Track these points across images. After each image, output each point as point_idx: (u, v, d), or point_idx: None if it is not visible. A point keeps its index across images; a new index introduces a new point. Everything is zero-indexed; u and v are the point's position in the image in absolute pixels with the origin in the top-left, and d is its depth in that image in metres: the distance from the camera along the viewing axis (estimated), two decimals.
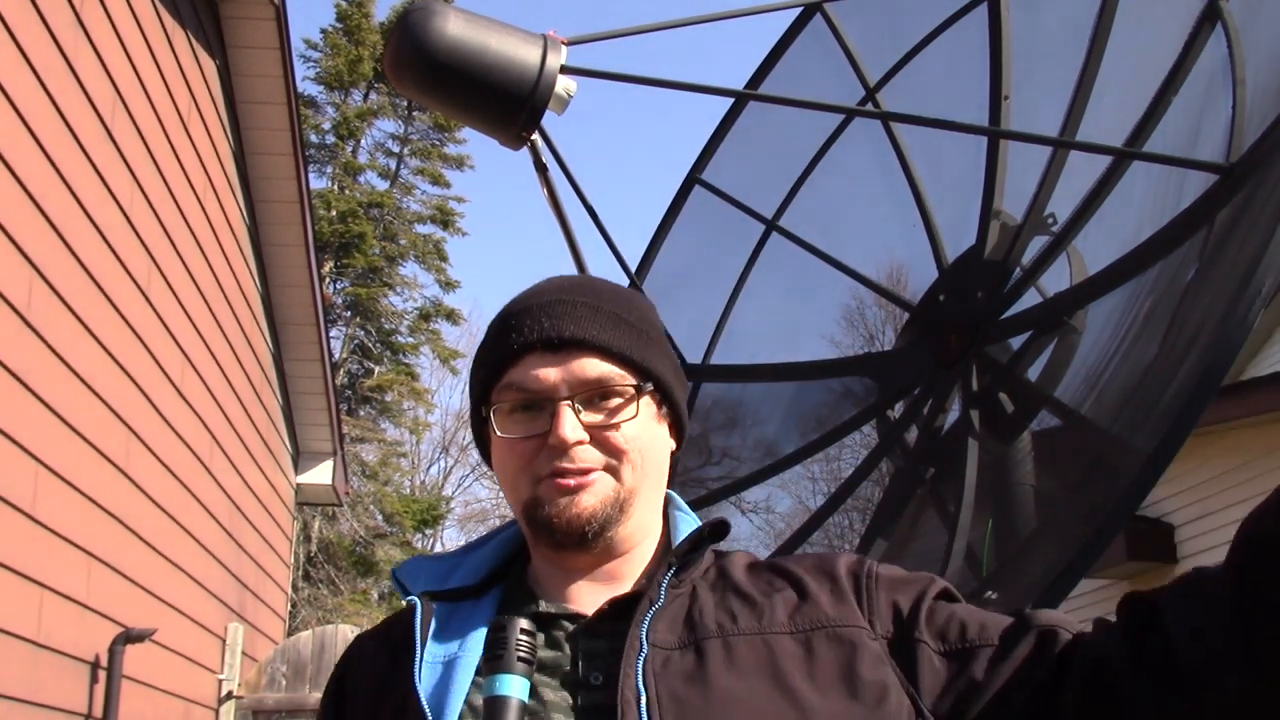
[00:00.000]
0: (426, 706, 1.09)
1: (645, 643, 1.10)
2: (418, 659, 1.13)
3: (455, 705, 1.09)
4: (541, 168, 2.31)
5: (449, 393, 36.29)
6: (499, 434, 1.20)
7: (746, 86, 3.69)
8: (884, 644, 1.13)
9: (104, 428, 4.89)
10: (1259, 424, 8.64)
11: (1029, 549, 2.52)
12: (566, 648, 1.15)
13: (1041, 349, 2.73)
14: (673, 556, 1.19)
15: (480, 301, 51.46)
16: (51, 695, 4.43)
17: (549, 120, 2.21)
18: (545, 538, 1.20)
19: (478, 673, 1.11)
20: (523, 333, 1.20)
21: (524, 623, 1.08)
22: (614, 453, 1.19)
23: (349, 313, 22.37)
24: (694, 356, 3.73)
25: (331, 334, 21.07)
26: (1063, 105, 2.88)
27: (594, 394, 1.19)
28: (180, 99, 5.81)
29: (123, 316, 5.07)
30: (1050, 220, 2.86)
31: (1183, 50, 2.58)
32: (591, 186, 2.53)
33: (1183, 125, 2.59)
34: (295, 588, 17.45)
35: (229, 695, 7.00)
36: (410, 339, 23.58)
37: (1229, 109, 2.39)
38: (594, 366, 1.19)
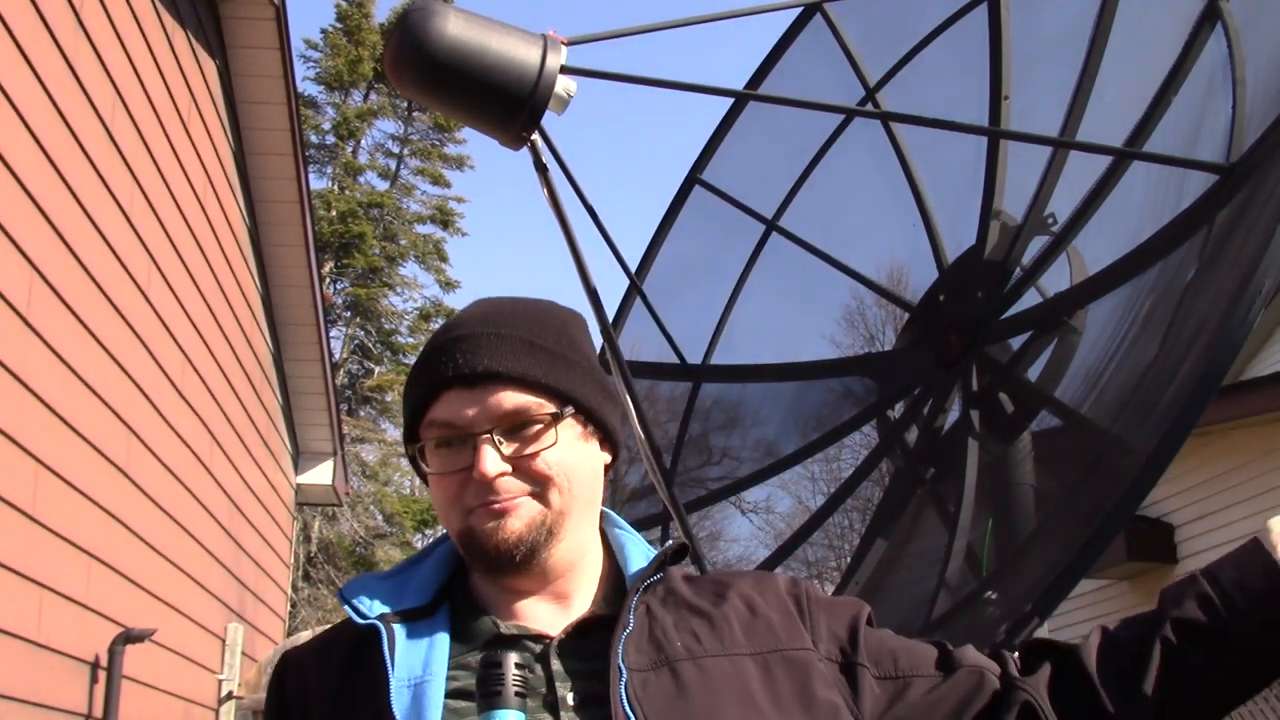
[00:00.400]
0: None
1: (623, 667, 1.14)
2: (391, 684, 1.13)
3: None
4: (541, 168, 2.31)
5: None
6: (427, 469, 1.23)
7: (746, 86, 3.69)
8: (830, 665, 1.21)
9: (104, 428, 4.89)
10: (1259, 424, 8.64)
11: (1029, 549, 2.52)
12: (537, 668, 1.16)
13: (1041, 349, 2.73)
14: (639, 581, 1.22)
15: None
16: (51, 695, 4.43)
17: (549, 120, 2.21)
18: (480, 564, 1.22)
19: (448, 696, 1.13)
20: (439, 370, 1.22)
21: (516, 657, 1.11)
22: (537, 480, 1.20)
23: (349, 313, 22.37)
24: (694, 356, 3.73)
25: (331, 334, 21.08)
26: (1063, 105, 2.88)
27: (512, 424, 1.20)
28: (180, 99, 5.81)
29: (123, 316, 5.07)
30: (1050, 220, 2.86)
31: (1183, 50, 2.58)
32: (591, 187, 2.53)
33: (1183, 125, 2.59)
34: (295, 588, 17.45)
35: (229, 695, 7.00)
36: (410, 339, 23.59)
37: (1229, 109, 2.39)
38: (510, 398, 1.20)
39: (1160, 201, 2.55)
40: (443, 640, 1.19)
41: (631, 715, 1.10)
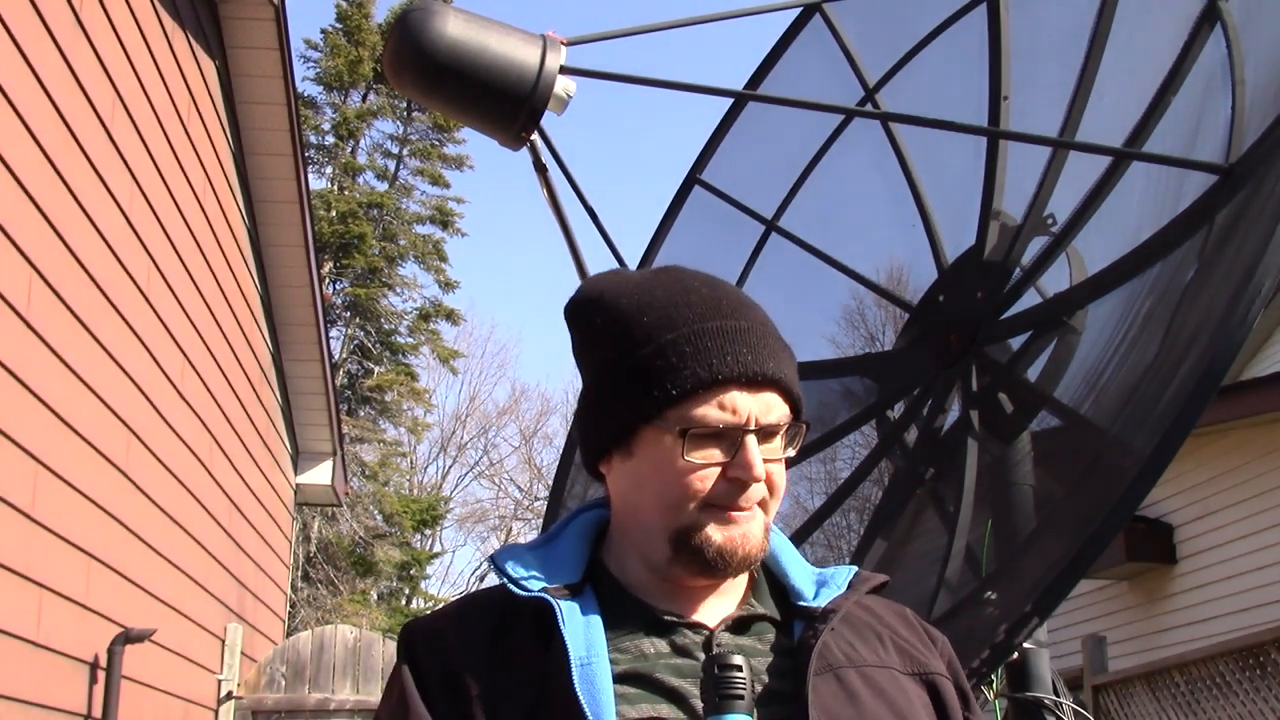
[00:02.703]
0: (589, 713, 1.08)
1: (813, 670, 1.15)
2: (572, 661, 1.11)
3: (611, 716, 1.09)
4: (541, 168, 2.31)
5: (448, 393, 36.32)
6: (686, 459, 1.17)
7: (746, 86, 3.69)
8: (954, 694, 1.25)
9: (104, 428, 4.88)
10: (1259, 424, 8.64)
11: (1029, 549, 2.52)
12: (700, 657, 1.15)
13: (1041, 349, 2.72)
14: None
15: (479, 301, 51.52)
16: (51, 695, 4.43)
17: (548, 120, 2.21)
18: (692, 564, 1.18)
19: (617, 681, 1.11)
20: (726, 362, 1.18)
21: (740, 659, 1.07)
22: (773, 490, 1.21)
23: (349, 313, 22.36)
24: None
25: (331, 334, 21.07)
26: (1063, 105, 2.88)
27: (771, 431, 1.20)
28: (180, 99, 5.81)
29: (122, 316, 5.07)
30: (1050, 220, 2.86)
31: (1182, 50, 2.58)
32: (591, 187, 2.53)
33: (1182, 125, 2.59)
34: (294, 588, 17.45)
35: (228, 695, 7.00)
36: (410, 339, 23.57)
37: (1228, 109, 2.39)
38: (779, 406, 1.20)
39: (1160, 202, 2.55)
40: (597, 621, 1.16)
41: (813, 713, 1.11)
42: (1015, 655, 2.18)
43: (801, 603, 1.23)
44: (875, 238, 3.60)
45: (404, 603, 24.02)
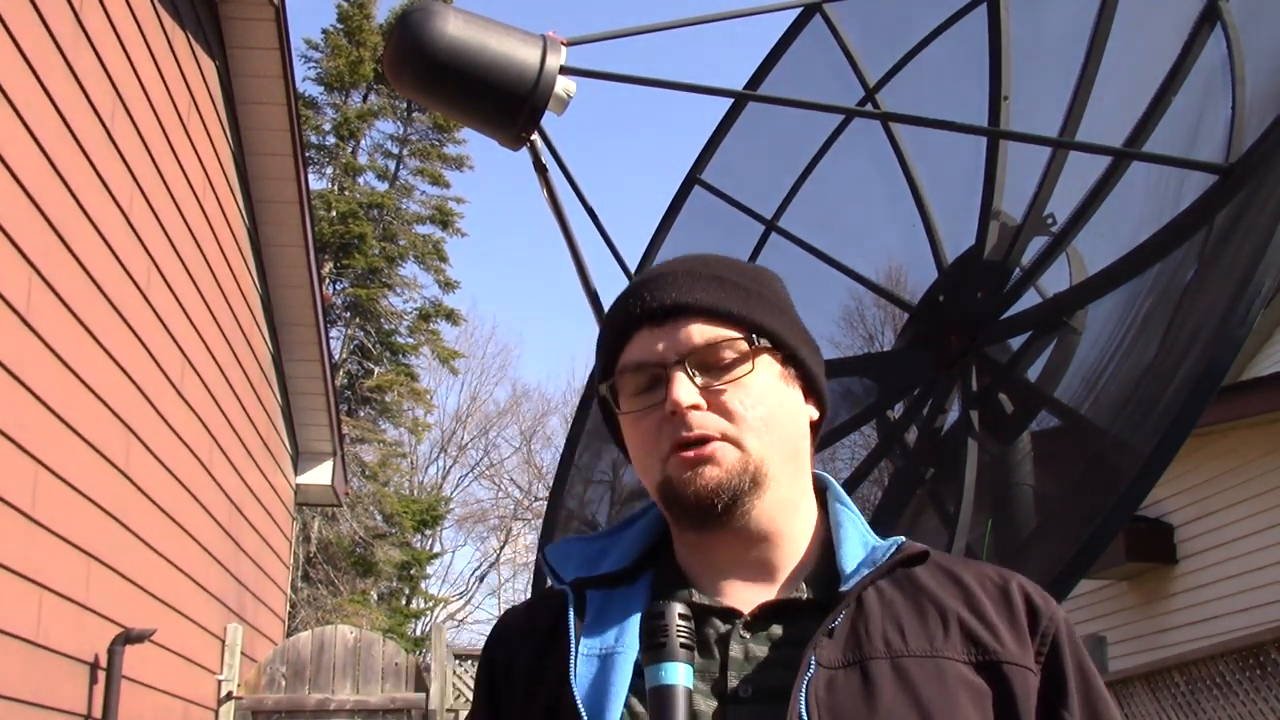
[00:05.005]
0: (583, 709, 1.05)
1: (814, 663, 1.06)
2: (572, 654, 1.10)
3: (616, 707, 1.05)
4: (541, 168, 2.31)
5: (448, 393, 36.31)
6: (620, 411, 1.18)
7: (746, 87, 3.69)
8: (1038, 698, 1.10)
9: (104, 428, 4.88)
10: (1259, 424, 8.64)
11: (1029, 549, 2.52)
12: (715, 652, 1.10)
13: (1041, 349, 2.72)
14: (864, 582, 1.12)
15: (480, 302, 51.53)
16: (51, 695, 4.43)
17: (548, 120, 2.21)
18: (681, 518, 1.15)
19: (636, 672, 1.07)
20: (629, 310, 1.19)
21: (680, 608, 1.05)
22: (734, 418, 1.13)
23: (349, 313, 22.36)
24: None
25: (331, 334, 21.08)
26: (1063, 105, 2.88)
27: (706, 358, 1.15)
28: (180, 99, 5.81)
29: (122, 316, 5.07)
30: (1050, 220, 2.86)
31: (1182, 50, 2.58)
32: (591, 187, 2.53)
33: (1182, 125, 2.59)
34: (294, 588, 17.45)
35: (228, 696, 7.00)
36: (410, 339, 23.57)
37: (1228, 109, 2.39)
38: (700, 331, 1.16)
39: (1160, 202, 2.55)
40: (638, 610, 1.12)
41: (806, 718, 1.02)
42: None
43: (841, 586, 1.13)
44: (875, 238, 3.60)
45: (404, 603, 24.02)
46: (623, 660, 1.08)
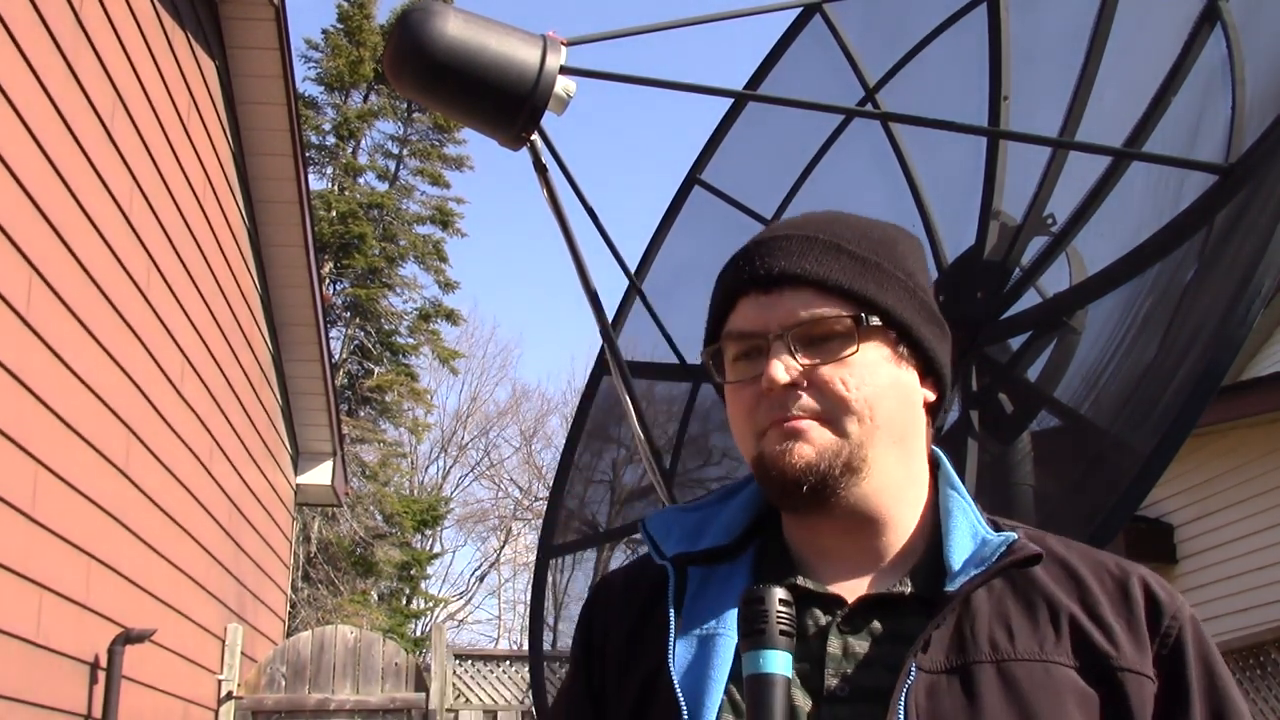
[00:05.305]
0: (681, 694, 1.01)
1: (914, 669, 1.00)
2: (671, 635, 1.05)
3: (715, 693, 1.01)
4: (541, 168, 2.31)
5: (448, 393, 36.32)
6: (721, 380, 1.13)
7: (746, 86, 3.69)
8: (1155, 703, 1.03)
9: (104, 428, 4.88)
10: (1259, 424, 8.64)
11: None
12: (812, 645, 1.05)
13: (1041, 349, 2.72)
14: (970, 584, 1.04)
15: (481, 302, 51.53)
16: (51, 695, 4.43)
17: (549, 120, 2.21)
18: (771, 495, 1.10)
19: (737, 654, 1.02)
20: (739, 273, 1.13)
21: (781, 592, 0.99)
22: (833, 400, 1.07)
23: (349, 313, 22.36)
24: (694, 357, 3.72)
25: (331, 334, 21.08)
26: (1063, 105, 2.88)
27: (811, 334, 1.08)
28: (180, 99, 5.81)
29: (122, 316, 5.07)
30: (1050, 220, 2.86)
31: (1182, 50, 2.58)
32: (591, 187, 2.53)
33: (1182, 125, 2.59)
34: (294, 588, 17.45)
35: (228, 696, 7.00)
36: (410, 339, 23.56)
37: (1228, 109, 2.39)
38: (806, 303, 1.09)
39: (1160, 202, 2.55)
40: (740, 589, 1.05)
41: None
42: None
43: (947, 585, 1.05)
44: None
45: (404, 603, 24.02)
46: (724, 643, 1.03)
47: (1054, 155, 2.91)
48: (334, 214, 21.81)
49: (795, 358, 1.07)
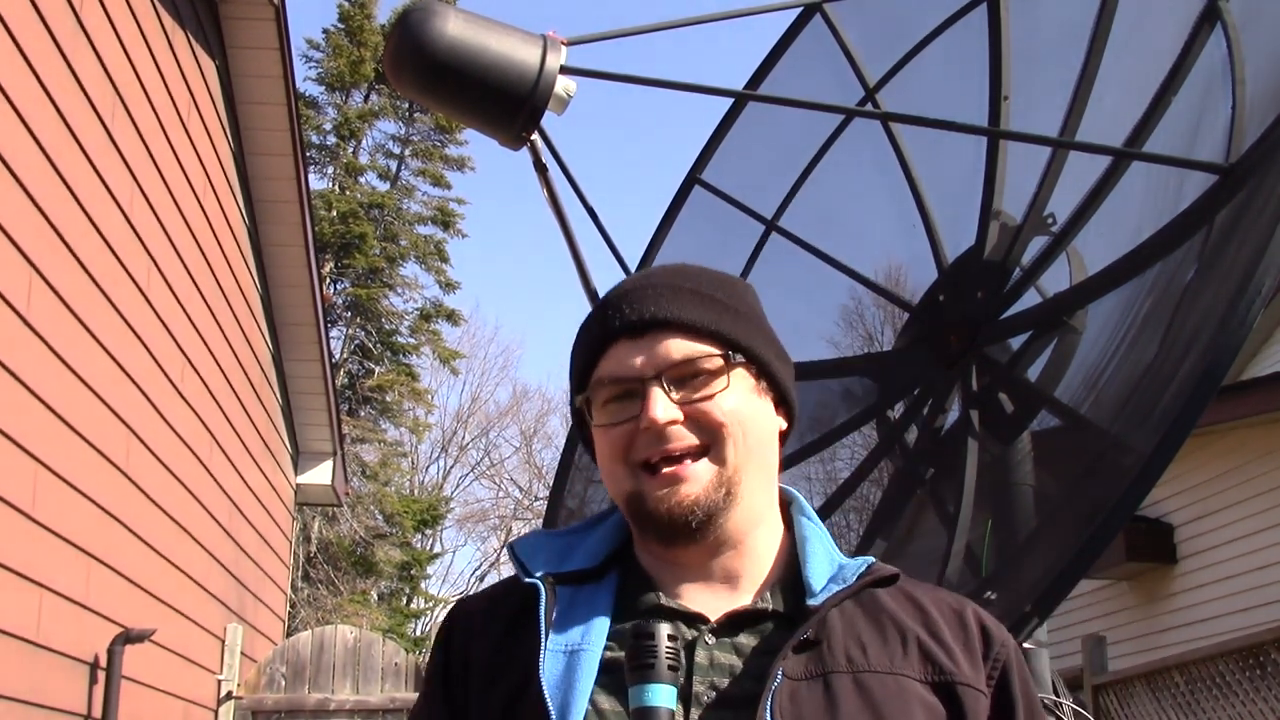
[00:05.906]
0: (551, 702, 1.07)
1: (780, 674, 1.08)
2: (543, 647, 1.11)
3: (580, 704, 1.07)
4: (541, 168, 2.31)
5: (449, 393, 36.32)
6: (595, 424, 1.19)
7: (746, 87, 3.69)
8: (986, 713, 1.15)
9: (104, 428, 4.88)
10: (1259, 424, 8.64)
11: (1029, 549, 2.52)
12: (681, 657, 1.11)
13: (1041, 349, 2.73)
14: (834, 599, 1.14)
15: (481, 302, 51.52)
16: (51, 695, 4.43)
17: (549, 120, 2.21)
18: (651, 532, 1.18)
19: (601, 669, 1.10)
20: (606, 323, 1.20)
21: (669, 628, 1.06)
22: (710, 428, 1.16)
23: (349, 313, 22.36)
24: None
25: (331, 334, 21.07)
26: (1063, 105, 2.88)
27: (683, 373, 1.17)
28: (180, 99, 5.81)
29: (122, 316, 5.07)
30: (1050, 220, 2.86)
31: (1182, 50, 2.58)
32: (591, 187, 2.53)
33: (1182, 125, 2.59)
34: (294, 588, 17.45)
35: (228, 696, 7.00)
36: (410, 339, 23.56)
37: (1229, 109, 2.39)
38: (678, 346, 1.17)
39: (1160, 202, 2.55)
40: (603, 608, 1.15)
41: None
42: None
43: (809, 600, 1.15)
44: (875, 238, 3.60)
45: (404, 603, 24.02)
46: (588, 657, 1.11)
47: (1054, 155, 2.91)
48: (335, 214, 21.81)
49: (670, 396, 1.15)
